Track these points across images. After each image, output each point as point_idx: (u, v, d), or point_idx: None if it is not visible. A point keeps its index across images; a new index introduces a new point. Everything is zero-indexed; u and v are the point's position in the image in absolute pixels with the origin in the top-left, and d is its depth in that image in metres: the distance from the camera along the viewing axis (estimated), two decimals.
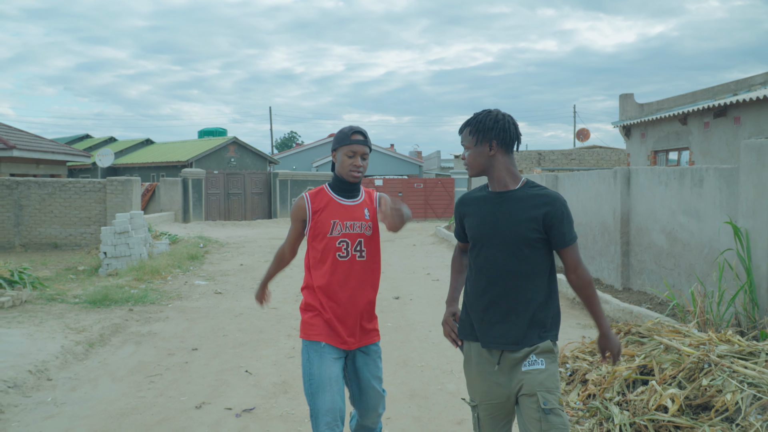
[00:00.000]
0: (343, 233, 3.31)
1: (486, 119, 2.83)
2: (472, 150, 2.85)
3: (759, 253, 6.52)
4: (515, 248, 2.75)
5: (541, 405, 2.66)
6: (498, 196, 2.82)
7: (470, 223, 2.89)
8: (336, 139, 3.38)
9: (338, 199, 3.37)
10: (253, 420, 4.74)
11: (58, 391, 5.41)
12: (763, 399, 3.72)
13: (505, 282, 2.76)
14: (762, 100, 12.42)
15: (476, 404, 2.87)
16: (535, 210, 2.74)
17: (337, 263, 3.29)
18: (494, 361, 2.77)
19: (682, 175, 8.36)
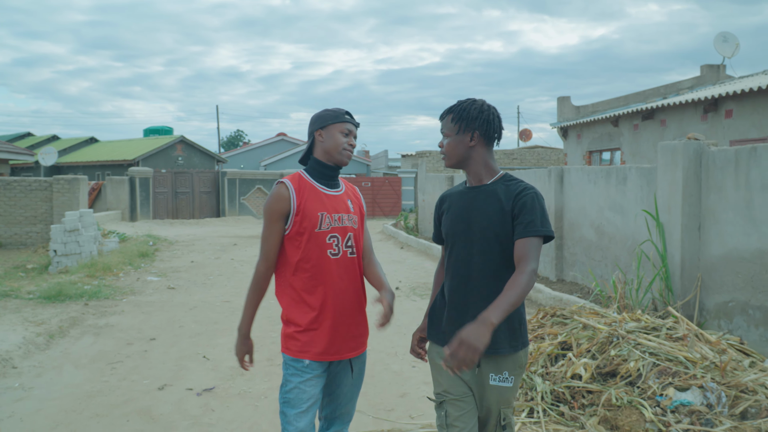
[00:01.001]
0: (333, 227, 2.92)
1: (471, 108, 2.70)
2: (453, 138, 2.71)
3: (673, 244, 7.21)
4: (488, 245, 2.61)
5: (500, 421, 2.68)
6: (472, 191, 2.71)
7: (445, 219, 2.77)
8: (323, 118, 2.98)
9: (321, 188, 2.96)
10: (213, 398, 5.16)
11: (24, 377, 5.70)
12: (661, 365, 4.33)
13: (477, 282, 2.62)
14: (685, 104, 13.33)
15: (444, 400, 2.68)
16: (505, 202, 2.60)
17: (327, 262, 2.88)
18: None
19: (608, 174, 9.07)
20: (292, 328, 2.89)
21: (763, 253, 6.11)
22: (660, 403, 3.98)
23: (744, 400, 3.88)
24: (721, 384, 4.01)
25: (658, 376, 4.25)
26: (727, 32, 17.42)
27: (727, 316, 6.56)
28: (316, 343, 2.87)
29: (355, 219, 3.02)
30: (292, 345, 2.89)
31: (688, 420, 3.76)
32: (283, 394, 2.88)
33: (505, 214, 2.59)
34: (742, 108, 11.88)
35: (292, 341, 2.89)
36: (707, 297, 6.87)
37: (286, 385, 2.89)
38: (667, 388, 4.08)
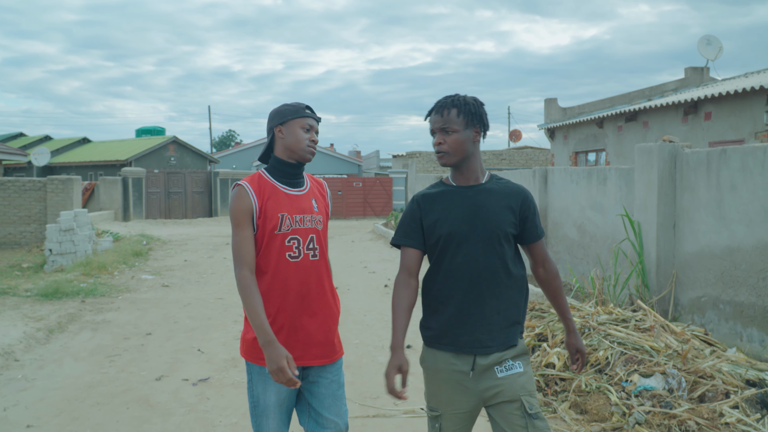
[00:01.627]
0: (293, 229, 2.78)
1: (471, 101, 2.65)
2: (461, 134, 2.60)
3: (649, 242, 7.53)
4: (495, 244, 2.58)
5: (526, 410, 2.52)
6: (470, 190, 2.63)
7: (441, 219, 2.63)
8: (282, 113, 2.86)
9: (282, 187, 2.83)
10: (208, 387, 5.43)
11: (27, 369, 5.96)
12: (628, 354, 4.64)
13: (489, 281, 2.57)
14: (666, 106, 13.68)
15: (439, 414, 2.64)
16: (511, 203, 2.61)
17: (286, 265, 2.76)
18: (467, 368, 2.58)
19: (589, 174, 9.39)
20: (252, 332, 2.75)
21: (732, 250, 6.42)
22: (625, 389, 4.29)
23: (702, 385, 4.19)
24: (682, 370, 4.32)
25: (625, 363, 4.55)
26: (710, 35, 17.79)
27: (700, 310, 6.87)
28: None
29: (320, 219, 2.87)
30: (251, 350, 2.77)
31: (650, 403, 4.06)
32: (250, 399, 2.82)
33: (514, 214, 2.60)
34: (721, 110, 12.24)
35: (251, 347, 2.77)
36: (681, 292, 7.18)
37: (251, 390, 2.81)
38: (633, 375, 4.38)
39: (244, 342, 2.83)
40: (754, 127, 11.18)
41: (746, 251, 6.25)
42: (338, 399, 2.87)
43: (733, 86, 11.93)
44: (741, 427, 3.79)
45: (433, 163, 25.83)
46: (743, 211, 6.29)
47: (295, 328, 2.77)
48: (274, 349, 2.58)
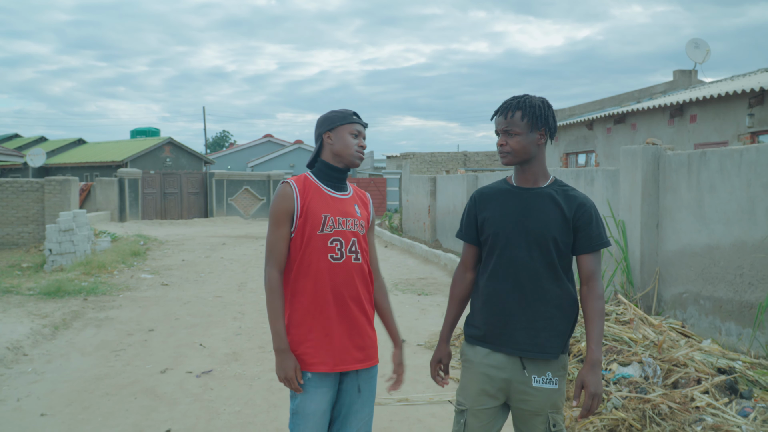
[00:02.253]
0: (336, 230, 2.78)
1: (538, 103, 2.65)
2: (524, 136, 2.61)
3: (633, 240, 7.83)
4: (543, 248, 2.57)
5: (550, 427, 2.59)
6: (526, 192, 2.65)
7: (491, 218, 2.66)
8: (331, 120, 2.88)
9: (327, 189, 2.85)
10: (211, 379, 5.70)
11: (36, 363, 6.21)
12: (608, 344, 4.92)
13: (532, 284, 2.57)
14: (653, 109, 14.02)
15: (465, 409, 2.68)
16: (566, 209, 2.59)
17: (328, 266, 2.75)
18: (516, 368, 2.60)
19: (577, 175, 9.69)
20: (289, 336, 2.74)
21: (712, 248, 6.72)
22: (604, 377, 4.57)
23: (676, 373, 4.49)
24: (657, 359, 4.62)
25: (606, 354, 4.84)
26: (698, 39, 18.14)
27: (682, 306, 7.18)
28: (317, 353, 2.72)
29: (362, 224, 2.87)
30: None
31: (627, 390, 4.36)
32: (293, 406, 2.77)
33: (567, 221, 2.57)
34: (705, 113, 12.58)
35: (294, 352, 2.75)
36: (664, 289, 7.48)
37: (294, 397, 2.77)
38: (612, 364, 4.67)
39: None
40: (737, 130, 11.52)
41: (724, 249, 6.56)
42: (368, 406, 2.86)
43: (717, 90, 12.26)
44: (710, 410, 4.08)
45: (426, 164, 26.14)
46: (721, 211, 6.60)
47: (333, 331, 2.74)
48: (285, 358, 2.67)
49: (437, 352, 2.82)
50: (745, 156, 6.32)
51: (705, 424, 3.93)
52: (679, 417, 4.01)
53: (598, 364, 2.53)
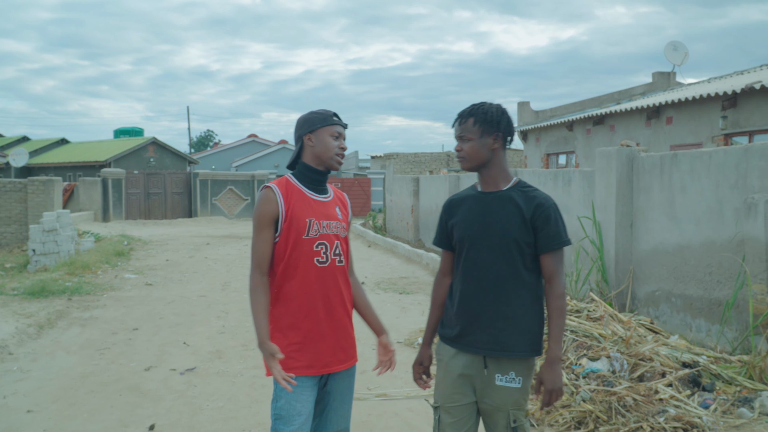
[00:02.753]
0: (321, 234, 2.81)
1: (492, 110, 2.74)
2: (476, 141, 2.71)
3: (608, 240, 8.03)
4: (506, 250, 2.65)
5: (510, 423, 2.68)
6: (488, 195, 2.74)
7: (458, 223, 2.78)
8: (311, 121, 2.88)
9: (309, 193, 2.86)
10: (195, 376, 5.83)
11: (21, 362, 6.31)
12: (579, 340, 5.11)
13: (494, 285, 2.66)
14: (631, 110, 14.28)
15: (438, 406, 2.80)
16: (525, 210, 2.66)
17: (314, 270, 2.78)
18: (470, 366, 2.72)
19: (555, 176, 9.89)
20: (277, 341, 2.74)
21: (683, 247, 6.93)
22: (574, 371, 4.76)
23: (641, 367, 4.68)
24: (625, 354, 4.81)
25: (576, 349, 5.03)
26: (677, 41, 18.47)
27: (655, 303, 7.39)
28: (304, 356, 2.76)
29: (343, 226, 2.91)
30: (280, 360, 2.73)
31: (595, 383, 4.54)
32: (275, 410, 2.75)
33: (526, 222, 2.64)
34: (681, 115, 12.85)
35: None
36: (638, 287, 7.69)
37: (277, 400, 2.75)
38: (582, 359, 4.86)
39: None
40: (711, 131, 11.79)
41: (695, 248, 6.78)
42: (347, 403, 2.93)
43: (692, 92, 12.54)
44: (673, 402, 4.27)
45: (410, 164, 26.32)
46: (692, 211, 6.81)
47: (321, 334, 2.78)
48: (266, 349, 2.68)
49: (419, 355, 2.92)
50: (714, 158, 6.54)
51: (667, 415, 4.12)
52: (643, 409, 4.20)
53: (557, 360, 2.64)
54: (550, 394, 2.64)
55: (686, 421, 4.05)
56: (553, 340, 2.65)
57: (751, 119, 10.95)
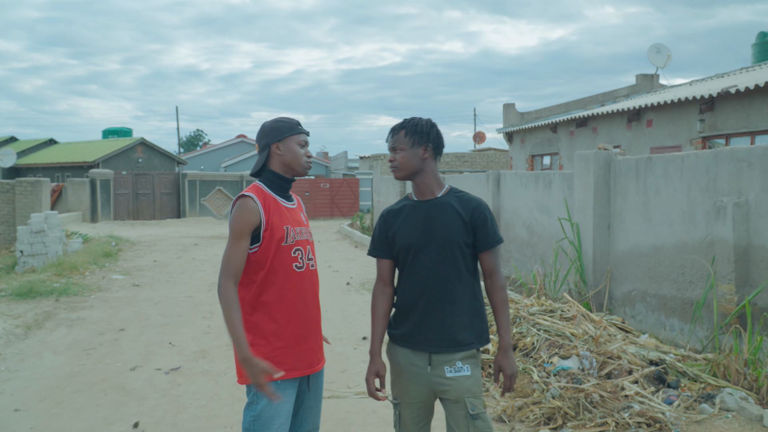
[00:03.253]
0: (297, 240, 2.90)
1: (422, 123, 2.92)
2: (407, 152, 2.88)
3: (586, 241, 8.22)
4: (449, 253, 2.83)
5: (468, 411, 2.78)
6: (426, 203, 2.90)
7: (400, 232, 2.91)
8: (278, 130, 2.94)
9: (281, 201, 2.94)
10: (179, 375, 5.96)
11: (9, 362, 6.42)
12: (551, 339, 5.29)
13: (441, 286, 2.82)
14: (613, 113, 14.50)
15: (398, 402, 2.94)
16: (464, 213, 2.84)
17: (295, 276, 2.86)
18: (422, 364, 2.85)
19: (536, 178, 10.08)
20: (261, 348, 2.78)
21: (657, 248, 7.13)
22: (546, 369, 4.93)
23: (610, 364, 4.86)
24: (594, 352, 4.99)
25: (548, 348, 5.20)
26: (660, 44, 18.72)
27: (631, 303, 7.58)
28: (288, 360, 2.80)
29: (310, 231, 3.04)
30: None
31: (565, 381, 4.71)
32: (253, 412, 2.78)
33: (466, 224, 2.84)
34: (660, 118, 13.07)
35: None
36: (615, 287, 7.88)
37: (256, 404, 2.77)
38: (553, 357, 5.03)
39: (239, 368, 2.80)
40: (689, 134, 12.01)
41: (668, 249, 6.97)
42: (320, 402, 3.06)
43: (671, 96, 12.76)
44: (638, 398, 4.45)
45: None
46: (666, 213, 7.01)
47: (304, 337, 2.86)
48: (254, 365, 2.64)
49: (372, 365, 2.94)
50: (686, 162, 6.73)
51: (632, 411, 4.29)
52: (610, 405, 4.38)
53: (509, 347, 2.85)
54: (510, 379, 2.85)
55: (650, 416, 4.23)
56: (502, 330, 2.86)
57: (727, 122, 11.18)
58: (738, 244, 5.92)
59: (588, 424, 4.25)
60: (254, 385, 2.69)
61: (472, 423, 2.77)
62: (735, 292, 5.91)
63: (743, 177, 5.99)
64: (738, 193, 6.04)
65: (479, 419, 2.79)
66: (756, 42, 17.93)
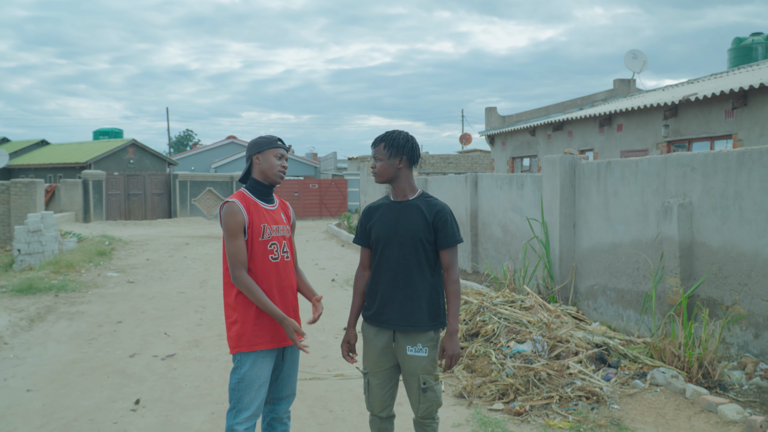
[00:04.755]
0: (273, 236, 3.47)
1: (399, 137, 3.42)
2: (385, 162, 3.41)
3: (553, 239, 8.83)
4: (412, 247, 3.36)
5: (421, 385, 3.38)
6: (398, 204, 3.44)
7: (375, 225, 3.48)
8: (259, 144, 3.52)
9: (261, 203, 3.52)
10: (175, 361, 6.54)
11: (17, 350, 6.97)
12: (510, 326, 5.89)
13: (404, 275, 3.36)
14: (587, 118, 15.16)
15: (368, 372, 3.51)
16: (428, 215, 3.38)
17: (269, 265, 3.43)
18: (388, 340, 3.42)
19: (510, 180, 10.70)
20: (239, 324, 3.39)
21: (616, 245, 7.75)
22: (503, 352, 5.54)
23: (559, 347, 5.47)
24: (546, 337, 5.60)
25: (507, 334, 5.81)
26: (636, 50, 19.39)
27: (593, 296, 8.20)
28: (265, 332, 3.39)
29: (287, 229, 3.59)
30: (243, 342, 3.38)
31: (519, 361, 5.32)
32: (237, 378, 3.39)
33: (429, 225, 3.36)
34: (630, 123, 13.73)
35: (243, 338, 3.39)
36: (580, 282, 8.50)
37: (240, 368, 3.39)
38: (511, 342, 5.64)
39: (231, 339, 3.44)
40: (655, 139, 12.67)
41: (625, 246, 7.59)
42: (296, 371, 3.65)
43: (638, 102, 13.43)
44: (580, 376, 5.06)
45: None
46: (623, 213, 7.63)
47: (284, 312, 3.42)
48: (288, 324, 3.34)
49: (346, 336, 3.60)
50: (640, 166, 7.35)
51: (574, 386, 4.91)
52: (555, 381, 4.99)
53: (454, 332, 3.38)
54: (450, 358, 3.39)
55: (589, 390, 4.84)
56: (452, 317, 3.40)
57: (690, 128, 11.84)
58: (683, 241, 6.54)
59: (535, 398, 4.86)
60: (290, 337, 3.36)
61: (422, 394, 3.39)
62: (680, 285, 6.53)
63: (687, 180, 6.61)
64: (683, 195, 6.66)
65: (429, 391, 3.40)
66: (731, 47, 18.65)
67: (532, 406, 4.79)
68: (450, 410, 4.94)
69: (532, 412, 4.74)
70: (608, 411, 4.71)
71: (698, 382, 5.08)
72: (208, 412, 5.09)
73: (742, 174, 5.95)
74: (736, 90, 10.33)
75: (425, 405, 3.43)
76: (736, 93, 10.46)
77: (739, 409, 4.32)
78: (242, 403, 3.38)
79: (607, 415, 4.64)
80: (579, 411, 4.69)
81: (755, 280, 5.80)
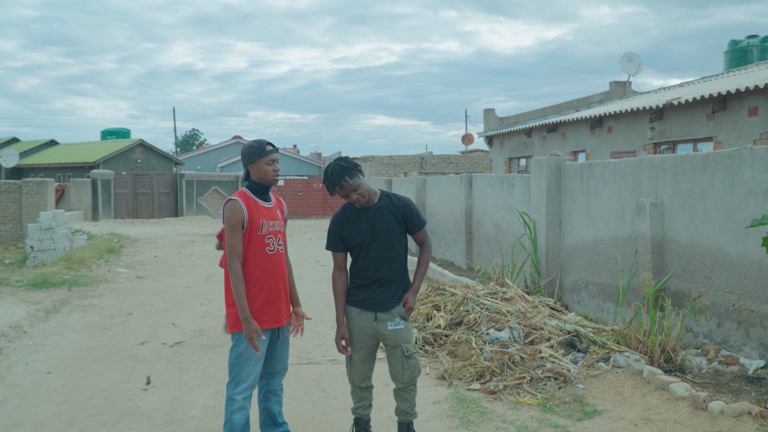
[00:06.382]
0: (270, 231, 3.92)
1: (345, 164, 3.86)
2: (361, 183, 3.88)
3: (540, 236, 9.32)
4: (390, 242, 3.91)
5: (404, 353, 3.94)
6: (370, 209, 3.94)
7: (352, 232, 3.94)
8: (251, 154, 3.90)
9: (260, 201, 3.95)
10: (182, 348, 7.06)
11: (35, 338, 7.50)
12: (491, 315, 6.39)
13: (387, 267, 3.92)
14: (579, 120, 15.63)
15: (350, 348, 4.01)
16: (395, 211, 3.96)
17: (266, 256, 3.88)
18: (371, 319, 3.94)
19: (502, 180, 11.19)
20: (233, 312, 3.87)
21: (597, 242, 8.23)
22: (483, 338, 6.04)
23: (533, 334, 5.97)
24: (522, 325, 6.10)
25: (488, 322, 6.31)
26: (632, 53, 19.84)
27: (577, 291, 8.68)
28: (258, 316, 3.84)
29: (282, 224, 4.08)
30: (237, 324, 3.86)
31: (496, 347, 5.82)
32: (236, 354, 3.87)
33: (398, 218, 3.96)
34: (619, 125, 14.21)
35: (236, 322, 3.86)
36: (565, 277, 8.98)
37: (238, 346, 3.86)
38: (490, 329, 6.14)
39: (230, 320, 3.92)
40: (642, 141, 13.14)
41: (605, 243, 8.07)
42: (288, 348, 4.19)
43: (626, 106, 13.89)
44: (551, 359, 5.56)
45: (385, 166, 27.60)
46: (603, 212, 8.11)
47: (274, 298, 3.94)
48: (251, 323, 3.76)
49: (339, 331, 4.03)
50: (618, 168, 7.83)
51: (545, 368, 5.41)
52: (528, 364, 5.49)
53: (416, 291, 4.03)
54: (409, 311, 4.00)
55: (557, 372, 5.34)
56: (417, 279, 4.02)
57: (674, 130, 12.31)
58: (654, 237, 7.02)
59: (509, 378, 5.36)
60: (246, 337, 3.80)
61: (406, 361, 3.96)
62: (652, 278, 7.02)
63: (659, 181, 7.09)
64: (656, 195, 7.14)
65: (411, 358, 3.98)
66: (727, 50, 19.05)
67: (506, 386, 5.30)
68: (432, 390, 5.44)
69: (505, 391, 5.24)
70: (573, 390, 5.21)
71: (660, 366, 5.56)
72: (212, 391, 5.61)
73: (707, 175, 6.43)
74: (714, 95, 10.81)
75: (409, 371, 3.97)
76: (715, 98, 10.94)
77: (688, 387, 4.81)
78: (240, 376, 3.87)
79: (572, 393, 5.14)
80: (547, 390, 5.19)
81: (718, 274, 6.27)
